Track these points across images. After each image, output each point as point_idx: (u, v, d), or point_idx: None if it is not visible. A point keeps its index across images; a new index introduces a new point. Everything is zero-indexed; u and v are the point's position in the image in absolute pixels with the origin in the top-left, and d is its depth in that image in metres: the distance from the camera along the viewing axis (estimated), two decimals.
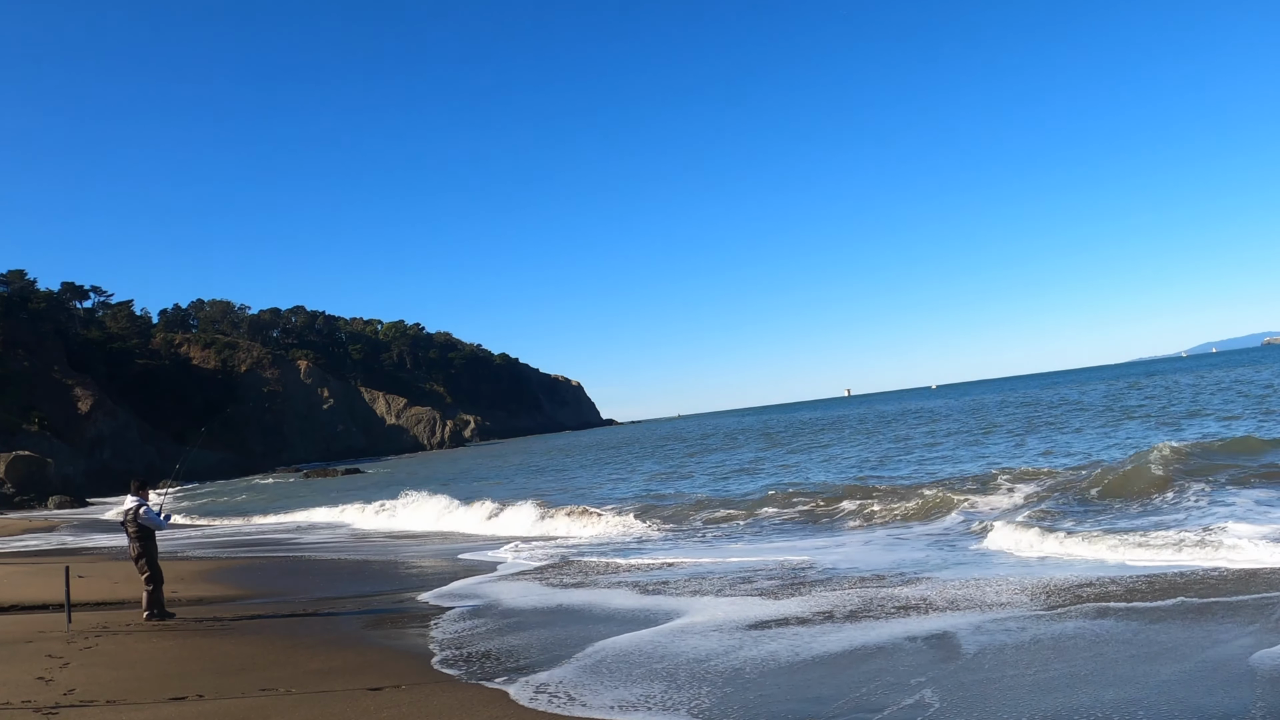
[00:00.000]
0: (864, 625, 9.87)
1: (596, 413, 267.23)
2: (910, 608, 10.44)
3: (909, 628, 9.50)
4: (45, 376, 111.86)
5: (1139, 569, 11.50)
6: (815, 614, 10.61)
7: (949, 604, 10.44)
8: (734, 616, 10.84)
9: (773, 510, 21.82)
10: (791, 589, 12.38)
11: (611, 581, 14.45)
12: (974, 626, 9.29)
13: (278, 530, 33.31)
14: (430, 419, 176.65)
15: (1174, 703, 6.61)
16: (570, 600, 13.12)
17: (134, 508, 13.32)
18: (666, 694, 7.87)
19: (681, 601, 12.15)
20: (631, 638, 10.20)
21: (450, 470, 70.29)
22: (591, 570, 15.95)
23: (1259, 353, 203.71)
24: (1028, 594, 10.57)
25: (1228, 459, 19.94)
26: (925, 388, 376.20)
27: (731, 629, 10.22)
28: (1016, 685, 7.32)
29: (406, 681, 8.73)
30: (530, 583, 15.14)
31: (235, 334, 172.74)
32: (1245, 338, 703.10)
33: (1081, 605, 9.78)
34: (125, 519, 13.44)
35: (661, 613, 11.50)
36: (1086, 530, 14.23)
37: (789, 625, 10.19)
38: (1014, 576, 11.75)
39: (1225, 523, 13.13)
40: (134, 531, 13.28)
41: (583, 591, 13.80)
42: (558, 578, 15.40)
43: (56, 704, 8.09)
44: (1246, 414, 33.75)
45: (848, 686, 7.69)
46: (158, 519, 13.45)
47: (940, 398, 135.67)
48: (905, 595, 11.20)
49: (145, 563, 13.12)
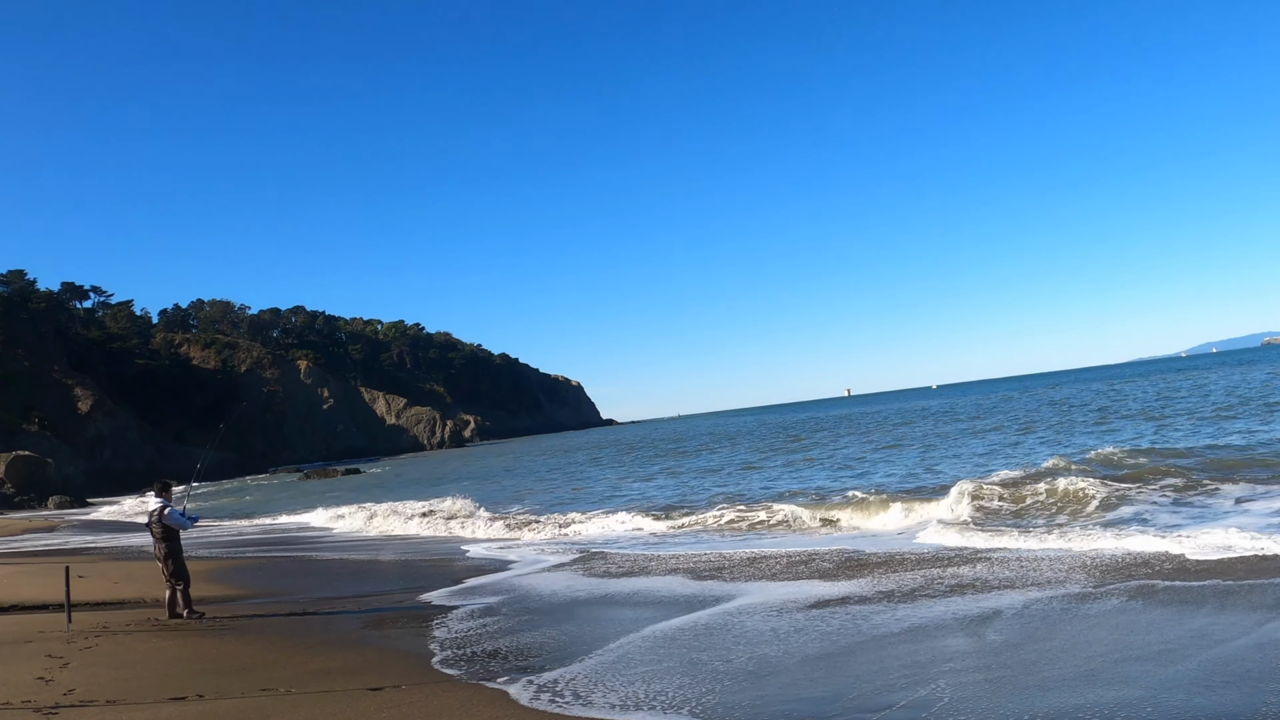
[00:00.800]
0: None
1: (596, 413, 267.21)
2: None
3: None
4: (45, 376, 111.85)
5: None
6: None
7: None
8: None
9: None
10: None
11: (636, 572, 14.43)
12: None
13: (275, 531, 33.29)
14: (430, 419, 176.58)
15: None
16: (603, 590, 13.13)
17: (159, 508, 13.45)
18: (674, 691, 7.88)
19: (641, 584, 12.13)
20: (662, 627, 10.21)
21: (452, 470, 70.25)
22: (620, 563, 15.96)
23: (1259, 353, 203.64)
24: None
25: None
26: (926, 388, 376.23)
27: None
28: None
29: (427, 681, 8.72)
30: (570, 574, 15.17)
31: (235, 334, 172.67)
32: (1245, 338, 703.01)
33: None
34: (150, 520, 13.56)
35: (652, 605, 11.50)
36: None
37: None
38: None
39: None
40: (159, 532, 13.42)
41: (610, 582, 13.80)
42: (587, 570, 15.42)
43: (56, 704, 8.08)
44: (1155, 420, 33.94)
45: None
46: (183, 519, 13.59)
47: (941, 397, 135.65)
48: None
49: (172, 563, 13.22)
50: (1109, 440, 29.56)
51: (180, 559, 13.39)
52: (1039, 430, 39.48)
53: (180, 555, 13.43)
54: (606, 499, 30.98)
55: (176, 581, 13.19)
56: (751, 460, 41.96)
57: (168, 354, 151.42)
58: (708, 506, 24.07)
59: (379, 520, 31.16)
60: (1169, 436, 29.01)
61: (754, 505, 22.58)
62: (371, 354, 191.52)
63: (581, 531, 22.76)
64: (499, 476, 54.37)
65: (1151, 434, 30.82)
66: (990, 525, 16.20)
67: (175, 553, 13.30)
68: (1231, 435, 26.84)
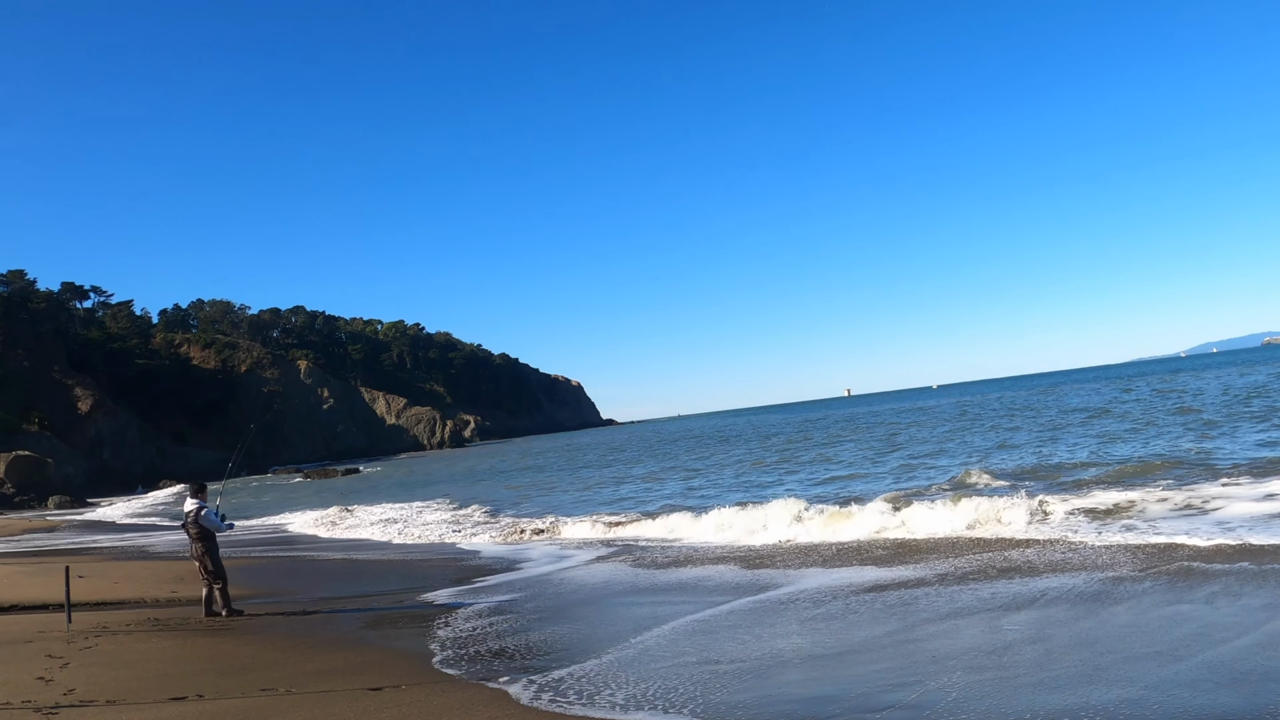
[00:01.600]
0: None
1: (596, 413, 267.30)
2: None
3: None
4: (45, 376, 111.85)
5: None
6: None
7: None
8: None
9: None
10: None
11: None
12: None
13: (274, 534, 33.28)
14: (430, 419, 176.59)
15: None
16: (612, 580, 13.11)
17: (195, 510, 13.62)
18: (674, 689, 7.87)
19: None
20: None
21: (453, 469, 70.26)
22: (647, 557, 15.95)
23: (1259, 353, 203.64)
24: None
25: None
26: (926, 387, 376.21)
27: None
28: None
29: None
30: (578, 572, 15.16)
31: (235, 334, 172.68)
32: (1245, 338, 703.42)
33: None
34: (186, 521, 13.76)
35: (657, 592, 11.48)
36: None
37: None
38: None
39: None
40: (195, 533, 13.56)
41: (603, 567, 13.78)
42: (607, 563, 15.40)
43: (56, 704, 8.07)
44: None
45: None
46: (218, 521, 13.75)
47: (941, 397, 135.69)
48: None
49: (210, 562, 13.38)
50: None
51: (218, 558, 13.54)
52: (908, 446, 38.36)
53: (218, 554, 13.58)
54: (609, 503, 30.98)
55: (215, 580, 13.34)
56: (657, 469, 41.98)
57: (168, 354, 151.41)
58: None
59: (373, 524, 31.12)
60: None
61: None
62: (371, 354, 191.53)
63: (577, 532, 22.73)
64: (490, 477, 54.41)
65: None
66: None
67: (212, 552, 13.46)
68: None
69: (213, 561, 13.40)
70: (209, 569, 13.36)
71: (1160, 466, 20.41)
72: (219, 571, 13.40)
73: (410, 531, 26.61)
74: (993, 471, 22.77)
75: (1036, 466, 23.74)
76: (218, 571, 13.38)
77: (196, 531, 13.55)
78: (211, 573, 13.35)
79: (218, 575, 13.37)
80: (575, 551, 18.91)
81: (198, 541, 13.51)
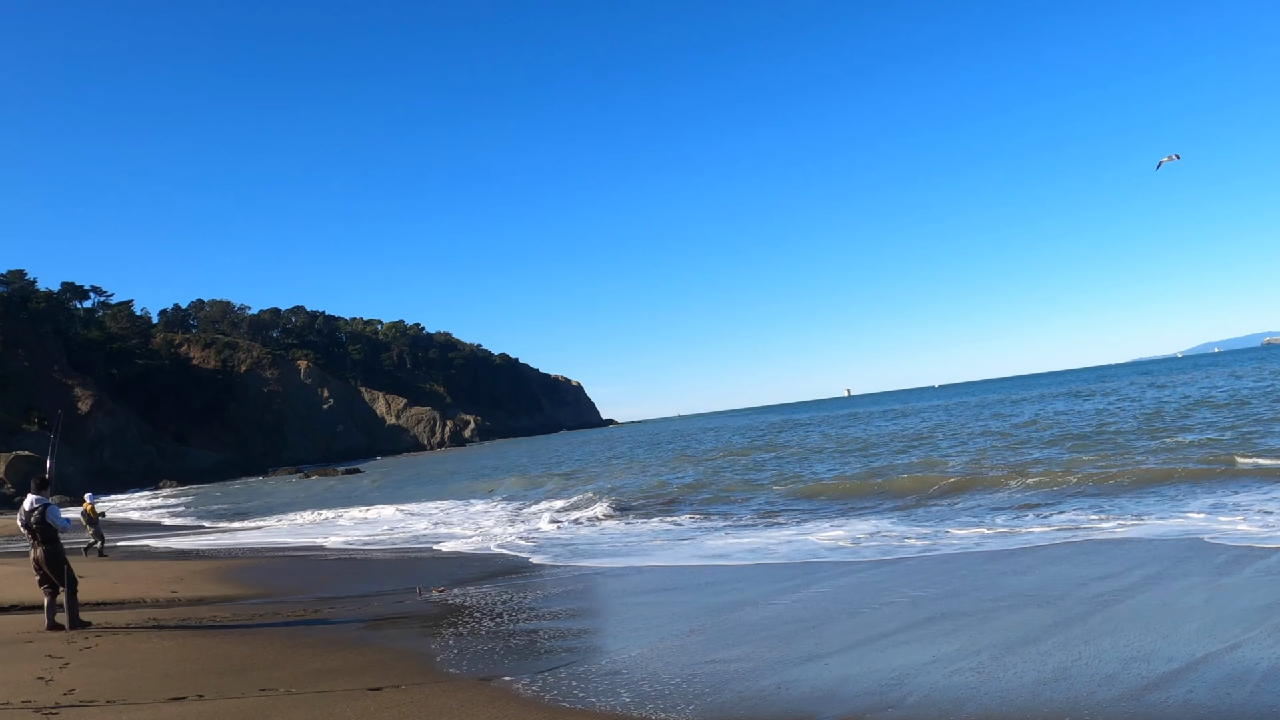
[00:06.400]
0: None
1: (596, 413, 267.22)
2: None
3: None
4: (45, 376, 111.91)
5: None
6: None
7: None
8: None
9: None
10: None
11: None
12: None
13: (270, 536, 33.27)
14: (430, 419, 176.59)
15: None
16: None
17: (39, 508, 12.24)
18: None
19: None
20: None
21: (451, 470, 70.21)
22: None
23: (1259, 353, 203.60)
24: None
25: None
26: (928, 387, 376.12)
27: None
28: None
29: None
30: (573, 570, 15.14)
31: (235, 334, 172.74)
32: (1245, 338, 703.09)
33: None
34: (28, 520, 12.25)
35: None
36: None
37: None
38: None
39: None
40: (39, 534, 12.18)
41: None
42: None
43: (56, 704, 8.06)
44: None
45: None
46: (64, 520, 12.48)
47: (942, 398, 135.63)
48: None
49: (54, 564, 12.08)
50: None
51: (65, 561, 12.21)
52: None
53: (64, 557, 12.24)
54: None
55: (62, 587, 12.02)
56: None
57: (168, 354, 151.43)
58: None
59: (378, 524, 31.15)
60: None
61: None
62: (371, 354, 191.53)
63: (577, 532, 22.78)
64: (489, 475, 54.38)
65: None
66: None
67: (58, 554, 12.14)
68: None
69: (59, 564, 12.05)
70: (54, 574, 11.97)
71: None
72: (69, 576, 12.05)
73: (420, 528, 26.55)
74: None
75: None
76: (67, 576, 12.03)
77: (40, 532, 12.12)
78: (57, 578, 12.00)
79: (67, 580, 12.02)
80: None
81: (41, 545, 12.07)
